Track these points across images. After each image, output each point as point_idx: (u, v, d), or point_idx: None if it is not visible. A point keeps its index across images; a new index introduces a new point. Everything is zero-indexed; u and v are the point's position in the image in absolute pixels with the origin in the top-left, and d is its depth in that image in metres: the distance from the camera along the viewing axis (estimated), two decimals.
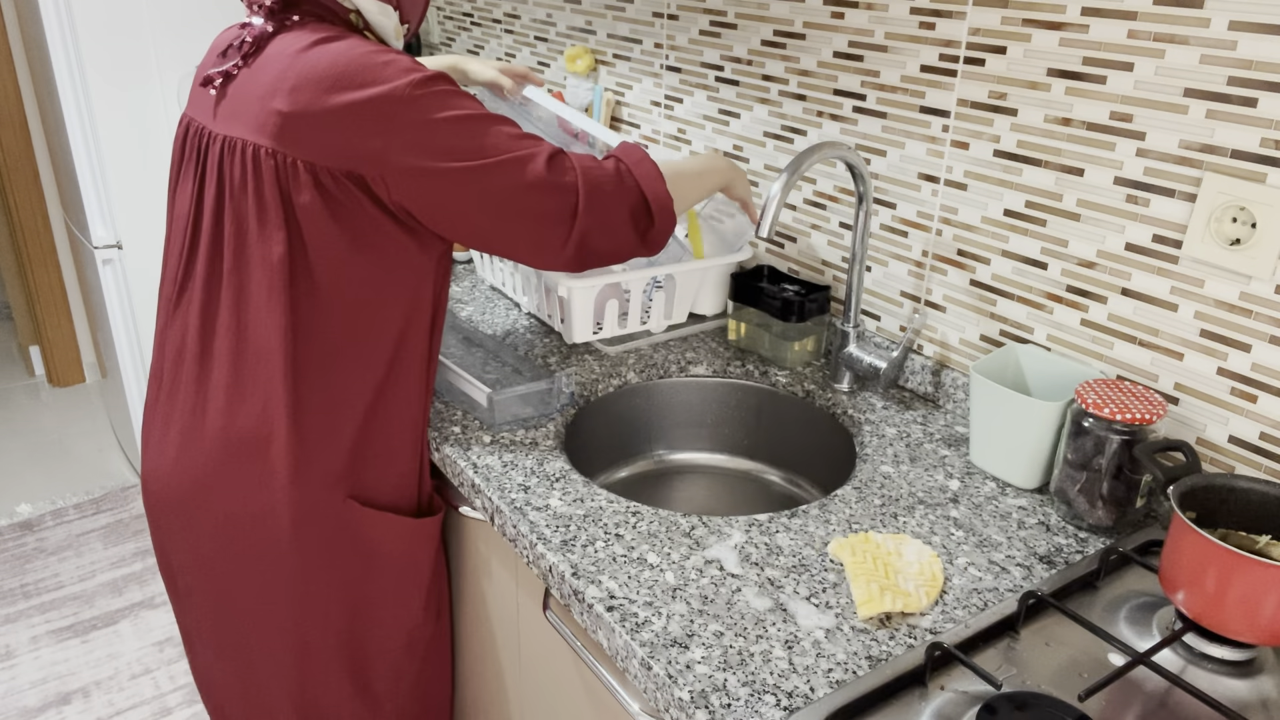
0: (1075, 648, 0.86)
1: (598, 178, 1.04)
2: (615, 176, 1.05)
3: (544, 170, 1.00)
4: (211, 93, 1.05)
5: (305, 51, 0.98)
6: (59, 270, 3.24)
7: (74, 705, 2.02)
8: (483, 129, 0.99)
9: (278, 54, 1.00)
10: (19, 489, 2.78)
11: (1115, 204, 1.08)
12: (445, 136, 0.97)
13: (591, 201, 1.03)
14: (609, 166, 1.06)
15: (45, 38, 2.32)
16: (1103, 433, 1.00)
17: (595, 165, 1.05)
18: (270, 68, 1.00)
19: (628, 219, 1.07)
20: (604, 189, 1.04)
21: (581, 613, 0.92)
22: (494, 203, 1.00)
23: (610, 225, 1.05)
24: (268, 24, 1.03)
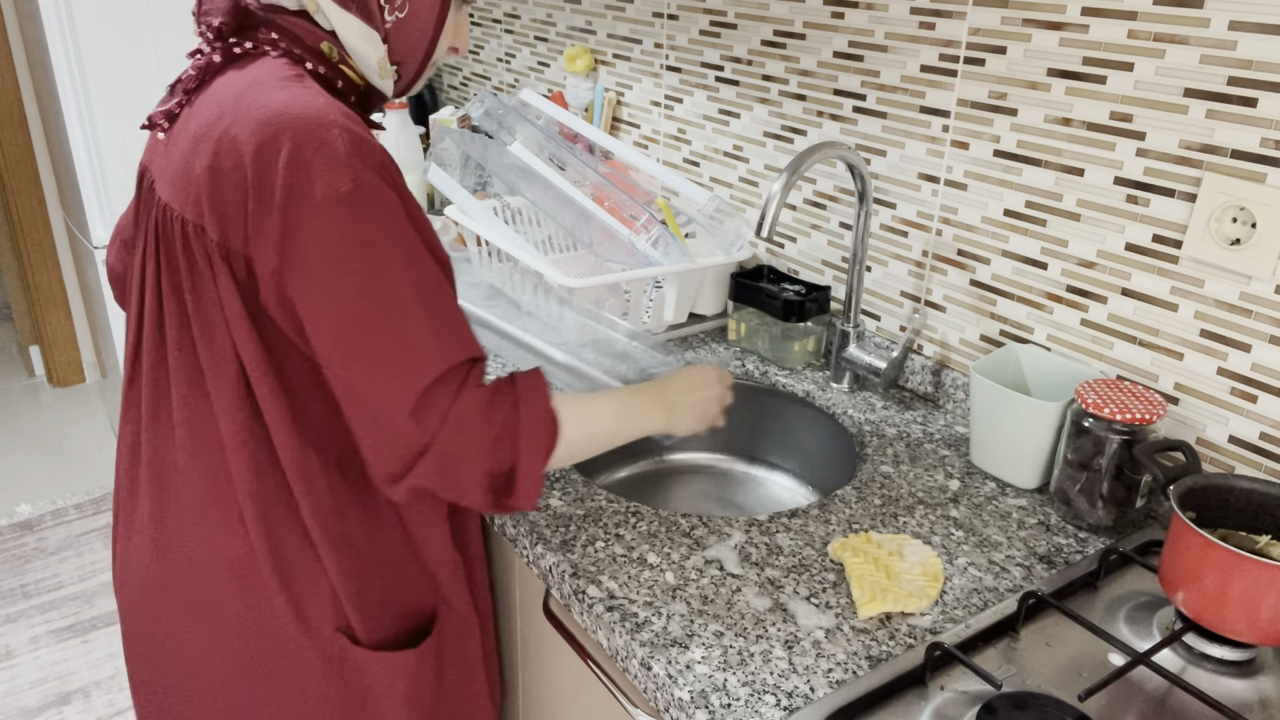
0: (1075, 648, 0.86)
1: (473, 429, 0.80)
2: (497, 437, 0.81)
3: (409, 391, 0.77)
4: (160, 136, 0.89)
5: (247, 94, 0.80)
6: (59, 270, 3.24)
7: (74, 705, 2.02)
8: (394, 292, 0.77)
9: (221, 93, 0.83)
10: (19, 489, 2.78)
11: (1115, 204, 1.08)
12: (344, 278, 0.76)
13: (446, 454, 0.79)
14: (500, 415, 0.81)
15: (45, 38, 2.32)
16: (1103, 433, 1.00)
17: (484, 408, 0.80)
18: (205, 110, 0.83)
19: (479, 482, 0.82)
20: (472, 445, 0.80)
21: (581, 613, 0.92)
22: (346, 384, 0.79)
23: (456, 485, 0.81)
24: (215, 53, 0.85)
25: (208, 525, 0.88)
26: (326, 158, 0.76)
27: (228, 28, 0.84)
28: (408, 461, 0.79)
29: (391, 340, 0.77)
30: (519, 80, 2.22)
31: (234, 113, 0.79)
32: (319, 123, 0.77)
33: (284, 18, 0.85)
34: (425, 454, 0.79)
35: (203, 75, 0.85)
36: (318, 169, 0.75)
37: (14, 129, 3.05)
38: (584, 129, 1.76)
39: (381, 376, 0.77)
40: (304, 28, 0.85)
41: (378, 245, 0.76)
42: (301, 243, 0.75)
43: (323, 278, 0.76)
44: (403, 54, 0.88)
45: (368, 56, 0.86)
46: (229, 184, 0.78)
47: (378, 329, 0.77)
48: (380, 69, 0.88)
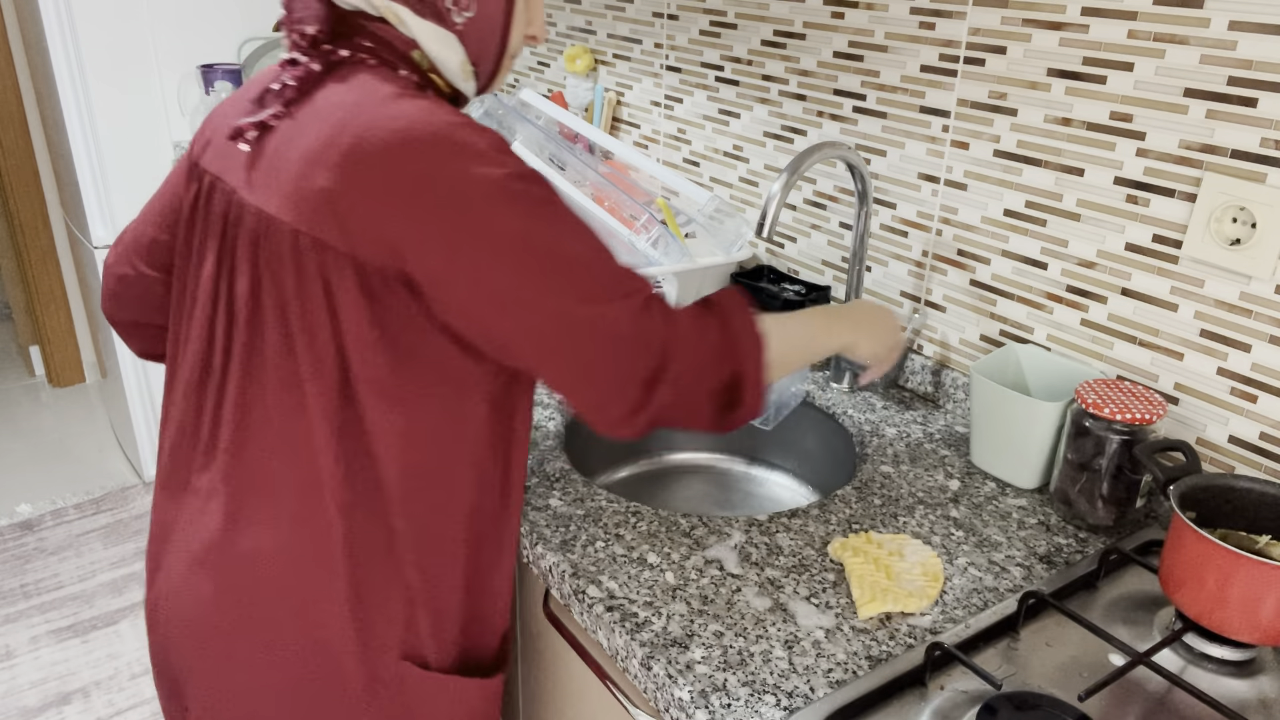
0: (1075, 648, 0.86)
1: (692, 349, 0.82)
2: (717, 348, 0.83)
3: (630, 319, 0.79)
4: (242, 148, 0.84)
5: (364, 109, 0.78)
6: (59, 270, 3.24)
7: (74, 705, 2.02)
8: (573, 248, 0.78)
9: (328, 106, 0.79)
10: (19, 489, 2.78)
11: (1115, 204, 1.08)
12: (525, 252, 0.76)
13: (679, 372, 0.82)
14: (713, 332, 0.84)
15: (45, 38, 2.32)
16: (1103, 433, 1.00)
17: (696, 324, 0.83)
18: (316, 125, 0.79)
19: (710, 397, 0.84)
20: (698, 359, 0.82)
21: (582, 613, 0.92)
22: (562, 345, 0.79)
23: (691, 403, 0.84)
24: (314, 62, 0.82)
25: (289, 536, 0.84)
26: (471, 155, 0.76)
27: (324, 35, 0.82)
28: (640, 393, 0.81)
29: (587, 294, 0.78)
30: (519, 80, 2.22)
31: (357, 125, 0.77)
32: (452, 125, 0.77)
33: (375, 25, 0.83)
34: (659, 380, 0.81)
35: (303, 86, 0.82)
36: (466, 169, 0.75)
37: (14, 129, 3.05)
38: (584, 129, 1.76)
39: (595, 328, 0.78)
40: (395, 35, 0.83)
41: (543, 222, 0.77)
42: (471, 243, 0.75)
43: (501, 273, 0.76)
44: (478, 53, 0.86)
45: (449, 61, 0.85)
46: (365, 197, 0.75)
47: (576, 297, 0.77)
48: (463, 73, 0.86)
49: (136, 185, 2.53)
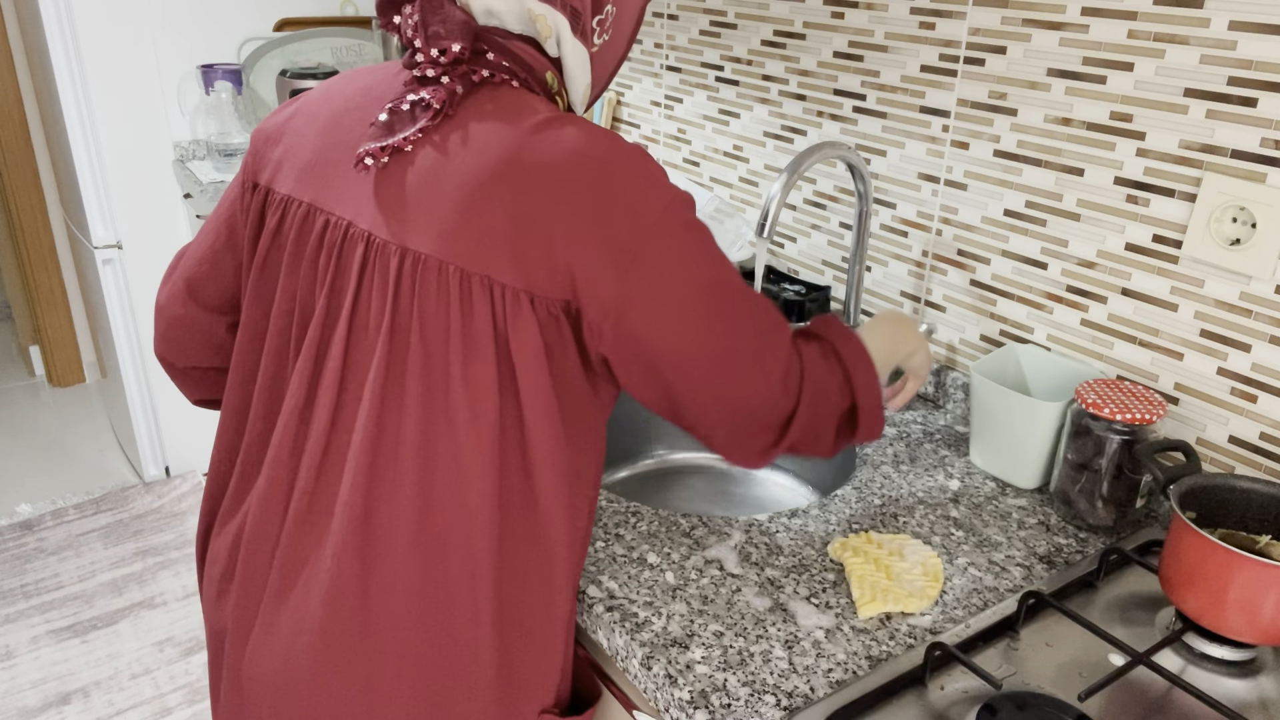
0: (1075, 648, 0.86)
1: (822, 386, 0.85)
2: (839, 386, 0.86)
3: (784, 355, 0.81)
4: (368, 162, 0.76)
5: (527, 136, 0.73)
6: (59, 270, 3.24)
7: (74, 705, 2.02)
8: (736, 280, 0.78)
9: (481, 134, 0.74)
10: (19, 489, 2.78)
11: (1115, 204, 1.08)
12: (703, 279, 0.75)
13: (810, 414, 0.84)
14: (835, 365, 0.87)
15: (45, 38, 2.32)
16: (1103, 433, 1.00)
17: (822, 367, 0.85)
18: (472, 155, 0.73)
19: (833, 428, 0.88)
20: (825, 400, 0.85)
21: (581, 613, 0.92)
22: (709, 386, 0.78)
23: (818, 435, 0.87)
24: (456, 83, 0.75)
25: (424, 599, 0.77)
26: (643, 182, 0.74)
27: (467, 53, 0.76)
28: (779, 430, 0.84)
29: (749, 329, 0.78)
30: None
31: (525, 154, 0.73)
32: (621, 152, 0.75)
33: (511, 42, 0.78)
34: (795, 416, 0.83)
35: (445, 108, 0.75)
36: (637, 194, 0.73)
37: (14, 129, 3.05)
38: None
39: (751, 364, 0.79)
40: (534, 55, 0.79)
41: (709, 252, 0.77)
42: (645, 267, 0.73)
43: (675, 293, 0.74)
44: (598, 78, 0.85)
45: (579, 83, 0.82)
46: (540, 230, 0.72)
47: (736, 322, 0.77)
48: (583, 95, 0.84)
49: (136, 185, 2.53)
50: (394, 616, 0.77)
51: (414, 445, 0.76)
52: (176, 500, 2.72)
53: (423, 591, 0.77)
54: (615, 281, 0.72)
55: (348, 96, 0.83)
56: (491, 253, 0.72)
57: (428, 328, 0.75)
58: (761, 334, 0.79)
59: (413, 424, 0.76)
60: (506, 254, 0.72)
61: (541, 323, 0.74)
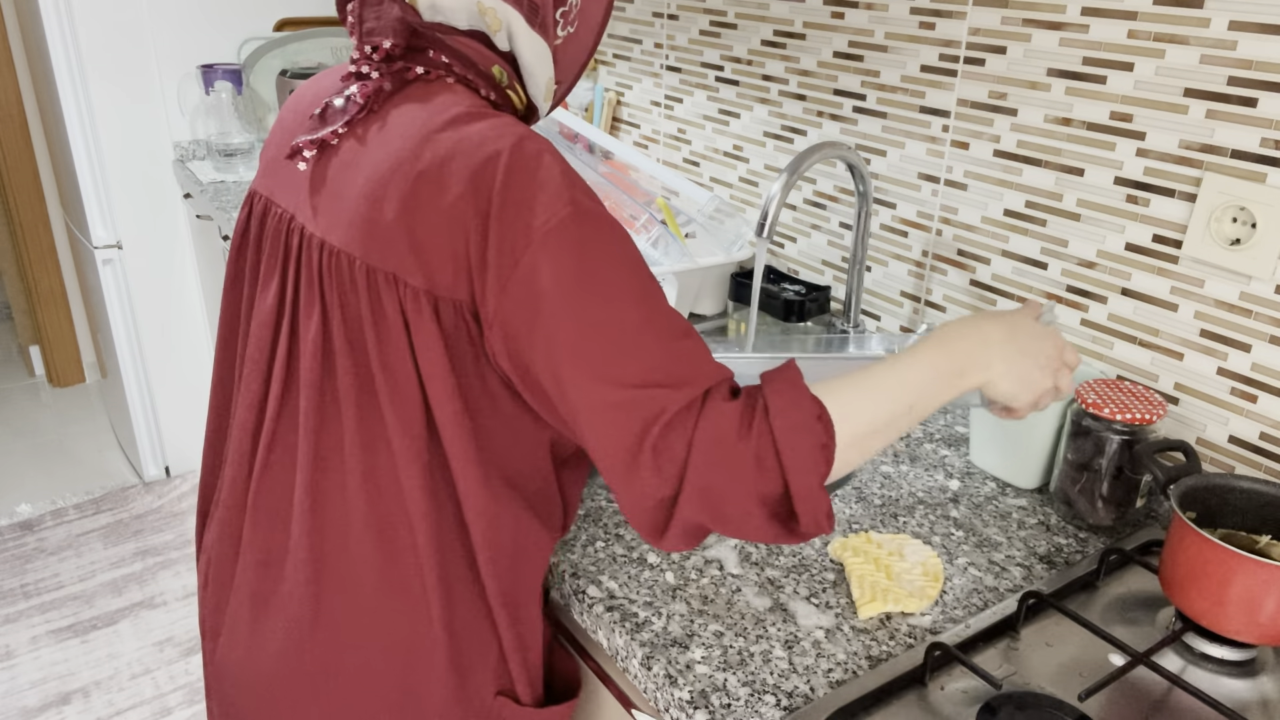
0: (1075, 648, 0.86)
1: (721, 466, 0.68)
2: (754, 466, 0.68)
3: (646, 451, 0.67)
4: (301, 167, 0.78)
5: (437, 131, 0.72)
6: (59, 270, 3.24)
7: (74, 705, 2.02)
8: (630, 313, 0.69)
9: (398, 128, 0.74)
10: (19, 489, 2.78)
11: (1115, 204, 1.08)
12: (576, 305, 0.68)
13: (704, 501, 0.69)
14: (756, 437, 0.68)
15: (45, 38, 2.32)
16: (1103, 433, 1.00)
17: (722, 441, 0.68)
18: (385, 149, 0.73)
19: (757, 509, 0.70)
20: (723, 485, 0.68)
21: (581, 613, 0.92)
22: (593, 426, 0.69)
23: (729, 520, 0.70)
24: (385, 80, 0.75)
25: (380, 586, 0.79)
26: (539, 186, 0.69)
27: (398, 50, 0.75)
28: (663, 511, 0.69)
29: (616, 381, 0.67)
30: None
31: (430, 148, 0.71)
32: (527, 152, 0.70)
33: (454, 38, 0.77)
34: (679, 498, 0.68)
35: (370, 104, 0.76)
36: (532, 199, 0.68)
37: (14, 129, 3.05)
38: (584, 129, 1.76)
39: (611, 423, 0.68)
40: (476, 50, 0.77)
41: (602, 276, 0.68)
42: (521, 278, 0.68)
43: (546, 316, 0.68)
44: (564, 71, 0.81)
45: (538, 76, 0.79)
46: (434, 226, 0.70)
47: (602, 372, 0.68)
48: (546, 91, 0.81)
49: (136, 185, 2.53)
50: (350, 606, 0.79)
51: (354, 436, 0.77)
52: (176, 500, 2.72)
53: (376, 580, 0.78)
54: (496, 289, 0.69)
55: (310, 94, 0.84)
56: (393, 249, 0.72)
57: (348, 321, 0.75)
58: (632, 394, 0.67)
59: (351, 416, 0.76)
60: (408, 251, 0.71)
61: (444, 323, 0.72)
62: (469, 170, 0.69)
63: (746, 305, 1.42)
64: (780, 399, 0.70)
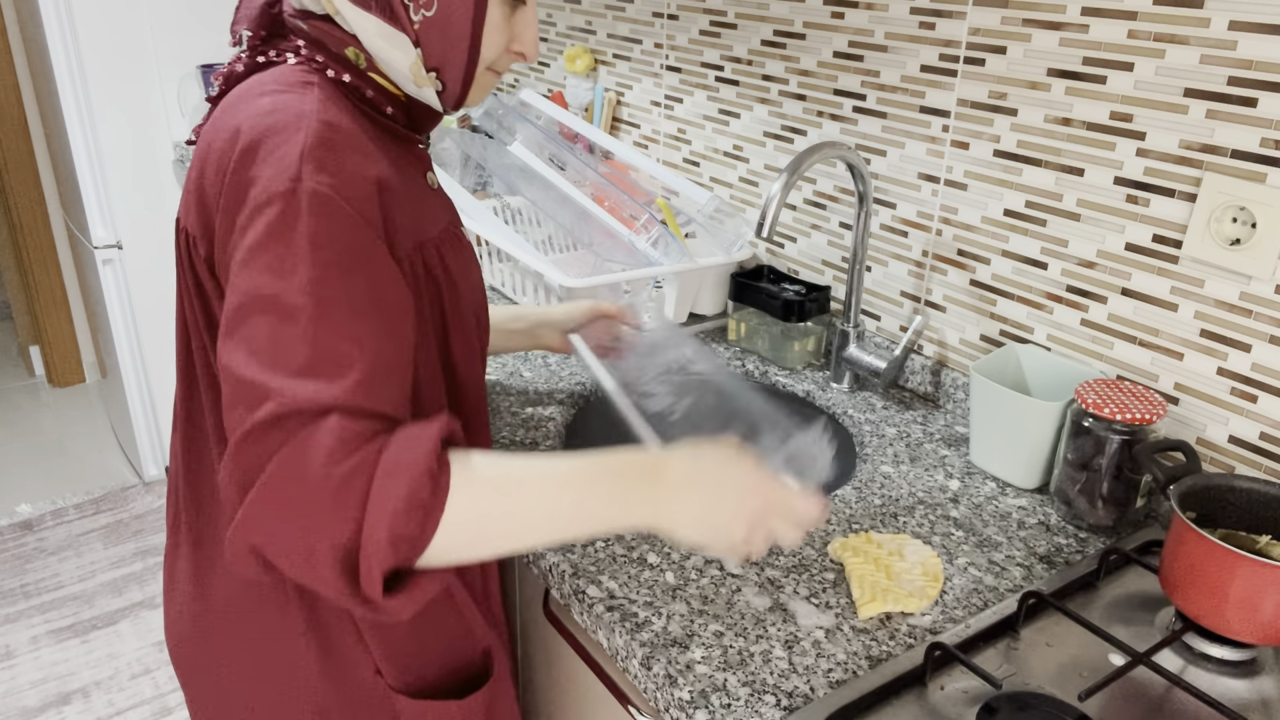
0: (1075, 648, 0.86)
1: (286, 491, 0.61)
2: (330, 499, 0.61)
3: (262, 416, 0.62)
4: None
5: (239, 103, 0.75)
6: (59, 270, 3.24)
7: (74, 705, 2.02)
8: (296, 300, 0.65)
9: (226, 106, 0.77)
10: (19, 489, 2.78)
11: (1115, 204, 1.08)
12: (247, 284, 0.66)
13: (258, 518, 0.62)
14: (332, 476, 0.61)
15: (45, 38, 2.32)
16: (1103, 433, 1.00)
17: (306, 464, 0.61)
18: (212, 125, 0.77)
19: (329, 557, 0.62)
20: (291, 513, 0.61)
21: (581, 613, 0.92)
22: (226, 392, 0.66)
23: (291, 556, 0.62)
24: (238, 62, 0.80)
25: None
26: (275, 159, 0.68)
27: (253, 38, 0.79)
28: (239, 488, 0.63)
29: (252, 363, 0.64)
30: (519, 80, 2.22)
31: (222, 121, 0.74)
32: (282, 125, 0.70)
33: (311, 23, 0.78)
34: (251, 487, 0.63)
35: (225, 86, 0.80)
36: (261, 169, 0.69)
37: (14, 129, 3.05)
38: (584, 129, 1.76)
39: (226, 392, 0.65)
40: (328, 32, 0.77)
41: (284, 257, 0.66)
42: (232, 246, 0.69)
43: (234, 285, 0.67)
44: (439, 58, 0.77)
45: (396, 61, 0.77)
46: (208, 194, 0.73)
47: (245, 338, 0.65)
48: (414, 76, 0.77)
49: (136, 185, 2.53)
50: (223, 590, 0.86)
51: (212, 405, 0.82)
52: None
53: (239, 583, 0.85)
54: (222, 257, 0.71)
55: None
56: (192, 214, 0.76)
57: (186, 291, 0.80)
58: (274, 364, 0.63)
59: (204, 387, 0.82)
60: (197, 217, 0.76)
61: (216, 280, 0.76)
62: (233, 140, 0.72)
63: (746, 305, 1.42)
64: (404, 441, 0.63)
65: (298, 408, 0.62)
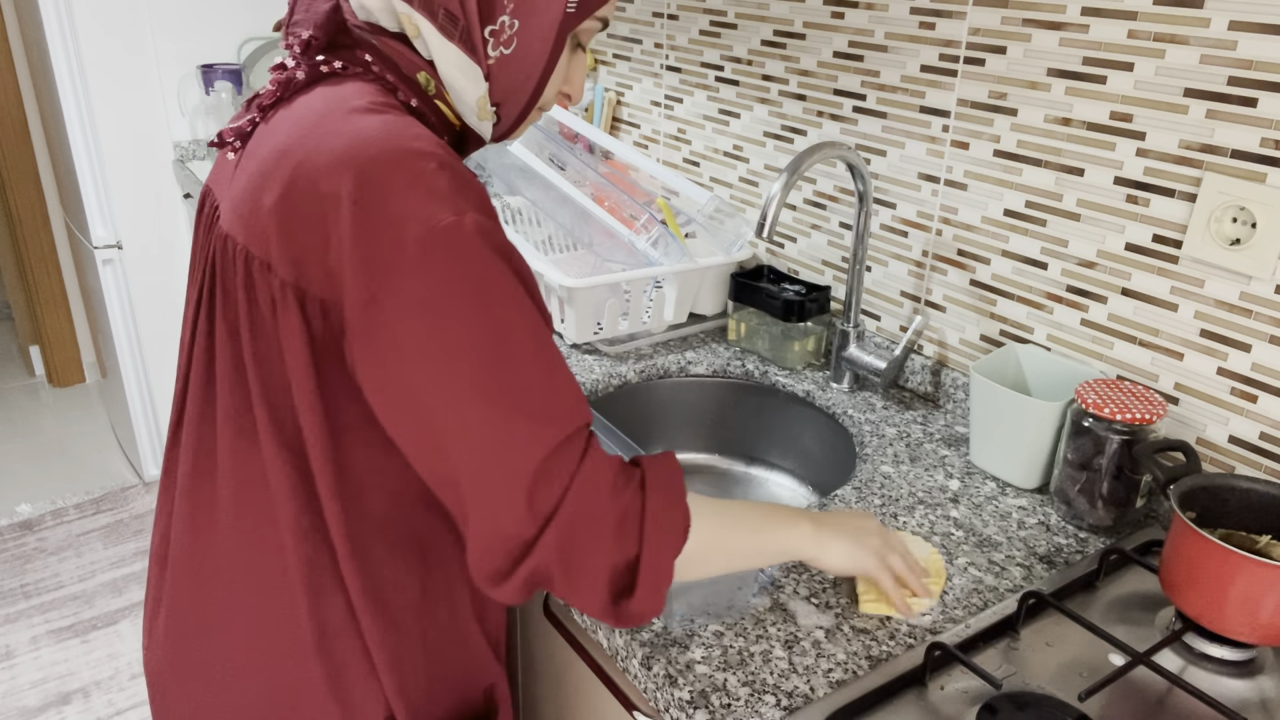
0: (1075, 648, 0.86)
1: (601, 503, 0.68)
2: (623, 519, 0.69)
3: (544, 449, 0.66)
4: (230, 156, 0.78)
5: (326, 119, 0.70)
6: (59, 270, 3.24)
7: (74, 705, 2.02)
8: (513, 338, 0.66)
9: (298, 114, 0.73)
10: (19, 489, 2.78)
11: (1115, 204, 1.08)
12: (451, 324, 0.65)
13: (562, 549, 0.68)
14: (628, 498, 0.70)
15: (45, 38, 2.32)
16: (1103, 433, 1.00)
17: (612, 481, 0.69)
18: (280, 135, 0.72)
19: (605, 575, 0.69)
20: (599, 522, 0.68)
21: (581, 614, 0.92)
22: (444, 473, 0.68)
23: (580, 573, 0.69)
24: (299, 68, 0.75)
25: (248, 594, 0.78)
26: (424, 191, 0.65)
27: (318, 43, 0.75)
28: (519, 552, 0.67)
29: (500, 407, 0.65)
30: None
31: (316, 138, 0.69)
32: (414, 152, 0.67)
33: (382, 39, 0.76)
34: (539, 539, 0.66)
35: (282, 92, 0.75)
36: (412, 203, 0.65)
37: (14, 130, 3.05)
38: (584, 129, 1.76)
39: (490, 452, 0.65)
40: (402, 53, 0.75)
41: (484, 293, 0.65)
42: (393, 288, 0.64)
43: (413, 332, 0.64)
44: (505, 94, 0.77)
45: (466, 93, 0.76)
46: (306, 217, 0.68)
47: (482, 393, 0.65)
48: (479, 109, 0.77)
49: (136, 185, 2.53)
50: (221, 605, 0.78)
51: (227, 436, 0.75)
52: None
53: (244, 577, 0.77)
54: (361, 295, 0.65)
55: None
56: (267, 236, 0.70)
57: (228, 309, 0.74)
58: (517, 424, 0.65)
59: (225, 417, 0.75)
60: (278, 240, 0.69)
61: (310, 320, 0.69)
62: (352, 164, 0.67)
63: (746, 305, 1.42)
64: (658, 475, 0.72)
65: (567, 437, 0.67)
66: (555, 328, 1.48)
